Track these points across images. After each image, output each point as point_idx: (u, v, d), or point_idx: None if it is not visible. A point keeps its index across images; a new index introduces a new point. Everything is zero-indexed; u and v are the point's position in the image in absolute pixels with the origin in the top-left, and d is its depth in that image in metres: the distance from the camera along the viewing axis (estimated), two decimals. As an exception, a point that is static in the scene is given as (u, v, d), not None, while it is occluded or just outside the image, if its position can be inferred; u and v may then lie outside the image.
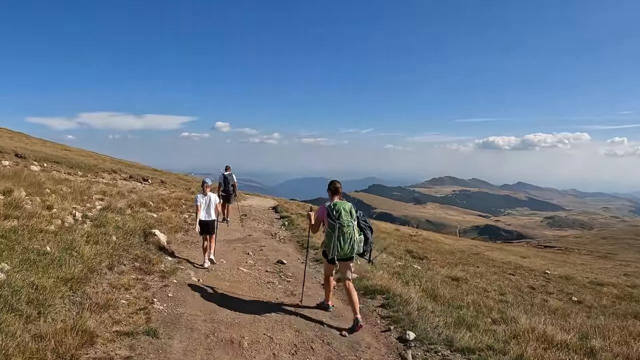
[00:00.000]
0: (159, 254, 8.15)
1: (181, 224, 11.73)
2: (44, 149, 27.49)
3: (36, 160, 19.91)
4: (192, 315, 5.70)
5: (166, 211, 13.03)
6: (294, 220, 17.10)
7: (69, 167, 20.75)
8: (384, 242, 18.34)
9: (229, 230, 13.18)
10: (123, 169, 25.88)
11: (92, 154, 34.49)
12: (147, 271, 7.00)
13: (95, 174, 21.89)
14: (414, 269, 11.92)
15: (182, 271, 7.58)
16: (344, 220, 5.63)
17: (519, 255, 31.95)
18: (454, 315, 6.92)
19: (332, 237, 5.66)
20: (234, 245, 10.93)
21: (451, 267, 16.18)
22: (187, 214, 13.77)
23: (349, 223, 5.66)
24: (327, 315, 6.34)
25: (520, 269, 21.47)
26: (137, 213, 10.95)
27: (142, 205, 12.60)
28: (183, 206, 15.69)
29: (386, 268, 10.40)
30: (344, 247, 5.65)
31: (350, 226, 5.66)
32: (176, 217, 12.34)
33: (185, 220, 12.68)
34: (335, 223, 5.63)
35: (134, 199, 13.22)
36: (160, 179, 27.80)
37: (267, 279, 8.07)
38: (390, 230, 32.75)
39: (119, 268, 6.78)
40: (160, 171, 34.57)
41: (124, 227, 8.42)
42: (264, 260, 9.57)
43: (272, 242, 11.93)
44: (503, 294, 11.97)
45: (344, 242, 5.63)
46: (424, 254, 18.20)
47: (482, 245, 38.75)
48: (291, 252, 10.84)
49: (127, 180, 23.66)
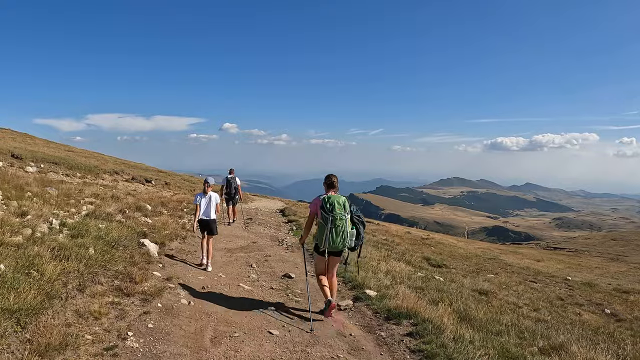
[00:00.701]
0: (145, 268, 6.88)
1: (178, 231, 10.49)
2: (46, 150, 26.48)
3: (34, 161, 18.85)
4: (176, 355, 4.43)
5: (163, 216, 11.82)
6: (302, 224, 15.86)
7: (68, 169, 19.68)
8: (399, 248, 17.03)
9: (231, 236, 11.95)
10: (126, 170, 24.79)
11: (96, 154, 33.49)
12: (128, 292, 5.74)
13: (96, 176, 20.80)
14: (437, 282, 10.60)
15: (171, 291, 6.30)
16: (337, 213, 5.54)
17: (533, 258, 30.78)
18: (495, 344, 5.64)
19: (325, 229, 5.58)
20: (236, 255, 9.68)
21: (473, 276, 14.85)
22: (186, 219, 12.56)
23: (342, 216, 5.57)
24: (345, 348, 5.08)
25: (539, 274, 20.16)
26: (128, 219, 9.75)
27: (136, 210, 11.41)
28: (184, 210, 14.48)
29: (407, 282, 9.12)
30: (336, 239, 5.57)
31: (343, 219, 5.57)
32: (173, 223, 11.11)
33: (184, 226, 11.46)
34: (328, 215, 5.54)
35: (129, 202, 12.04)
36: (164, 180, 26.71)
37: (272, 298, 6.81)
38: (402, 233, 31.44)
39: (93, 289, 5.53)
40: (165, 172, 33.50)
41: (106, 237, 7.18)
42: (269, 274, 8.29)
43: (278, 251, 10.67)
44: (537, 309, 10.63)
45: (336, 234, 5.55)
46: (442, 261, 16.83)
47: (495, 249, 37.54)
48: (300, 262, 9.57)
49: (129, 181, 22.55)
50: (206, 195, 8.15)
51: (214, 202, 8.25)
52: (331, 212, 5.53)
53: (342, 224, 5.56)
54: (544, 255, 36.53)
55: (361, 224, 5.88)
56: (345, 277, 8.08)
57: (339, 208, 5.57)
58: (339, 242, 5.59)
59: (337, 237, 5.56)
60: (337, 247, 5.67)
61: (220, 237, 11.33)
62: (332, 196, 5.69)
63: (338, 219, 5.53)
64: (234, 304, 6.27)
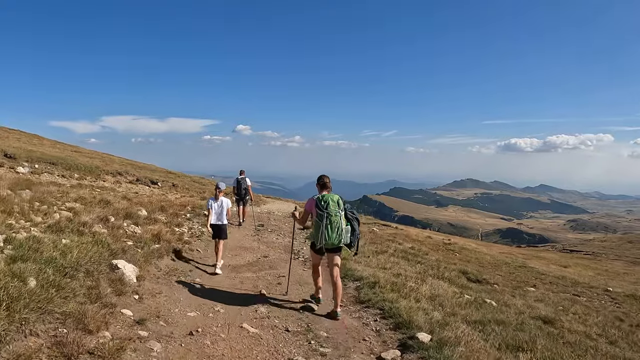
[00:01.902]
0: (111, 305, 4.83)
1: (173, 243, 8.49)
2: (49, 151, 24.83)
3: (28, 161, 17.13)
4: None
5: (158, 224, 9.85)
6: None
7: (66, 169, 17.90)
8: (430, 259, 14.84)
9: (239, 248, 9.96)
10: (130, 172, 22.99)
11: (104, 155, 31.83)
12: (73, 350, 3.74)
13: (97, 177, 18.99)
14: (490, 308, 8.43)
15: (140, 345, 4.22)
16: (332, 210, 5.64)
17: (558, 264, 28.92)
18: None
19: (320, 226, 5.66)
20: (242, 276, 7.64)
21: (517, 292, 12.68)
22: (186, 227, 10.59)
23: (337, 213, 5.66)
24: None
25: (577, 285, 17.95)
26: (111, 229, 7.77)
27: (126, 217, 9.44)
28: (186, 215, 12.52)
29: (459, 311, 6.99)
30: (332, 235, 5.63)
31: (337, 216, 5.65)
32: (168, 233, 9.10)
33: (182, 237, 9.47)
34: (323, 213, 5.64)
35: (119, 207, 10.09)
36: (172, 181, 24.86)
37: (287, 348, 4.75)
38: (422, 237, 29.14)
39: (18, 346, 3.55)
40: (174, 173, 31.70)
41: (62, 260, 5.18)
42: (283, 306, 6.24)
43: (294, 267, 8.62)
44: (613, 341, 8.44)
45: (331, 230, 5.62)
46: (480, 274, 14.62)
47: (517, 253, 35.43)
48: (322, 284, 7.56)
49: (132, 183, 20.71)
50: (217, 201, 8.08)
51: (225, 207, 8.15)
52: (326, 209, 5.62)
53: (337, 220, 5.63)
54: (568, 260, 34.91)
55: (356, 220, 5.92)
56: (378, 304, 6.09)
57: (333, 205, 5.66)
58: (335, 237, 5.62)
59: (333, 232, 5.61)
60: (333, 243, 5.67)
61: (226, 250, 9.39)
62: (326, 195, 5.80)
63: (333, 215, 5.61)
64: (234, 357, 4.23)
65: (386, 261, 10.86)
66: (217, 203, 8.10)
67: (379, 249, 13.37)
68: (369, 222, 28.63)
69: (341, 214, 5.70)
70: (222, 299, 6.13)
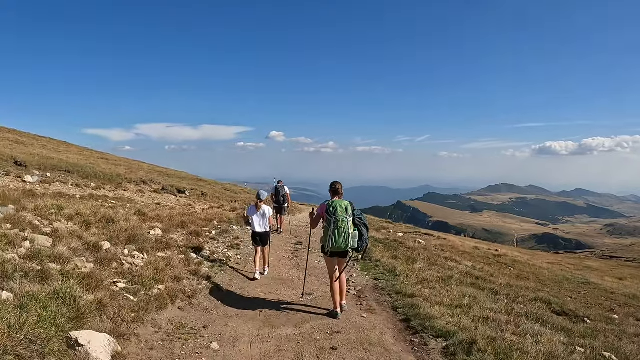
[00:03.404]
0: None
1: (184, 283, 6.13)
2: (72, 157, 23.22)
3: (40, 169, 15.30)
4: None
5: (171, 249, 7.54)
6: (369, 250, 11.39)
7: (83, 178, 16.01)
8: (498, 282, 12.04)
9: (274, 282, 7.54)
10: (156, 180, 21.03)
11: (132, 162, 30.22)
12: None
13: (118, 186, 17.02)
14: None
15: None
16: (339, 215, 5.69)
17: (611, 275, 26.59)
18: None
19: (328, 231, 5.73)
20: (279, 336, 5.13)
21: (616, 330, 9.82)
22: (208, 250, 8.26)
23: (344, 218, 5.70)
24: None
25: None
26: (104, 263, 5.48)
27: (129, 240, 7.18)
28: (211, 232, 10.23)
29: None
30: (339, 240, 5.67)
31: (344, 221, 5.70)
32: (181, 264, 6.74)
33: (199, 268, 7.10)
34: (331, 218, 5.72)
35: (123, 227, 7.83)
36: (201, 190, 22.79)
37: None
38: (469, 249, 26.11)
39: None
40: (205, 181, 29.75)
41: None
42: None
43: (352, 316, 6.10)
44: None
45: (338, 235, 5.66)
46: (564, 304, 11.71)
47: (566, 264, 32.36)
48: (391, 346, 5.04)
49: (157, 192, 18.68)
50: (259, 210, 8.03)
51: (267, 215, 8.13)
52: (334, 214, 5.69)
53: (343, 226, 5.67)
54: (620, 271, 32.23)
55: (364, 226, 5.94)
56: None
57: (341, 211, 5.70)
58: (342, 242, 5.67)
59: (340, 237, 5.65)
60: (340, 247, 5.71)
61: (256, 284, 7.01)
62: (336, 201, 5.85)
63: (340, 220, 5.66)
64: None
65: (459, 294, 8.23)
66: (258, 212, 8.03)
67: (442, 273, 10.73)
68: (410, 231, 25.91)
69: (348, 220, 5.73)
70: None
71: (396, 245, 13.15)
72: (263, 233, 8.03)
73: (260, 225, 8.01)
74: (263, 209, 8.07)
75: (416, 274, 9.40)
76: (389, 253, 11.45)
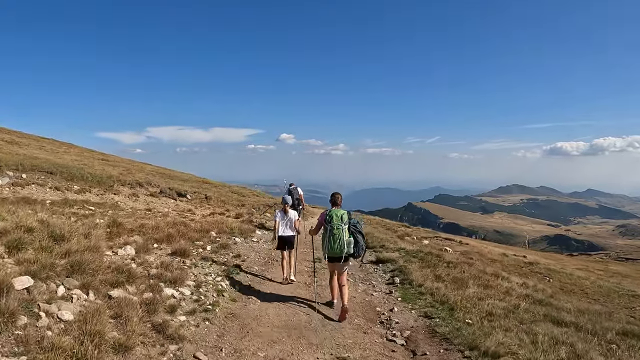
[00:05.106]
0: None
1: (138, 348, 3.69)
2: (67, 159, 21.03)
3: (16, 170, 13.05)
4: None
5: (136, 283, 5.11)
6: (405, 269, 8.96)
7: (67, 180, 13.75)
8: (568, 309, 9.36)
9: (284, 331, 5.09)
10: (154, 182, 18.70)
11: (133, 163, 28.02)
12: None
13: (107, 189, 14.71)
14: None
15: None
16: (335, 223, 5.99)
17: None
18: None
19: (325, 238, 6.06)
20: None
21: None
22: (192, 280, 5.82)
23: (339, 226, 5.98)
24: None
25: None
26: (5, 326, 3.08)
27: (70, 271, 4.75)
28: (206, 248, 7.82)
29: None
30: (334, 246, 5.95)
31: (339, 229, 5.97)
32: (136, 318, 4.29)
33: (173, 312, 4.66)
34: (327, 225, 6.05)
35: (71, 249, 5.41)
36: (205, 193, 20.42)
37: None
38: (498, 256, 23.39)
39: None
40: (211, 183, 27.39)
41: None
42: None
43: None
44: None
45: (333, 242, 5.95)
46: None
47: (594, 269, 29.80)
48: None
49: (153, 196, 16.34)
50: (287, 215, 7.97)
51: (293, 219, 8.02)
52: (330, 222, 6.03)
53: (338, 233, 5.96)
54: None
55: (359, 233, 6.12)
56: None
57: (336, 219, 6.01)
58: (337, 248, 5.95)
59: (335, 243, 5.95)
60: (335, 253, 5.98)
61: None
62: (333, 210, 6.15)
63: (335, 228, 5.97)
64: None
65: (548, 340, 5.67)
66: (285, 217, 7.97)
67: (503, 300, 8.11)
68: (430, 236, 23.32)
69: (343, 227, 6.00)
70: None
71: (434, 260, 10.57)
72: (287, 237, 7.95)
73: (285, 230, 7.92)
74: (289, 214, 8.03)
75: (474, 304, 6.93)
76: (430, 272, 8.96)
